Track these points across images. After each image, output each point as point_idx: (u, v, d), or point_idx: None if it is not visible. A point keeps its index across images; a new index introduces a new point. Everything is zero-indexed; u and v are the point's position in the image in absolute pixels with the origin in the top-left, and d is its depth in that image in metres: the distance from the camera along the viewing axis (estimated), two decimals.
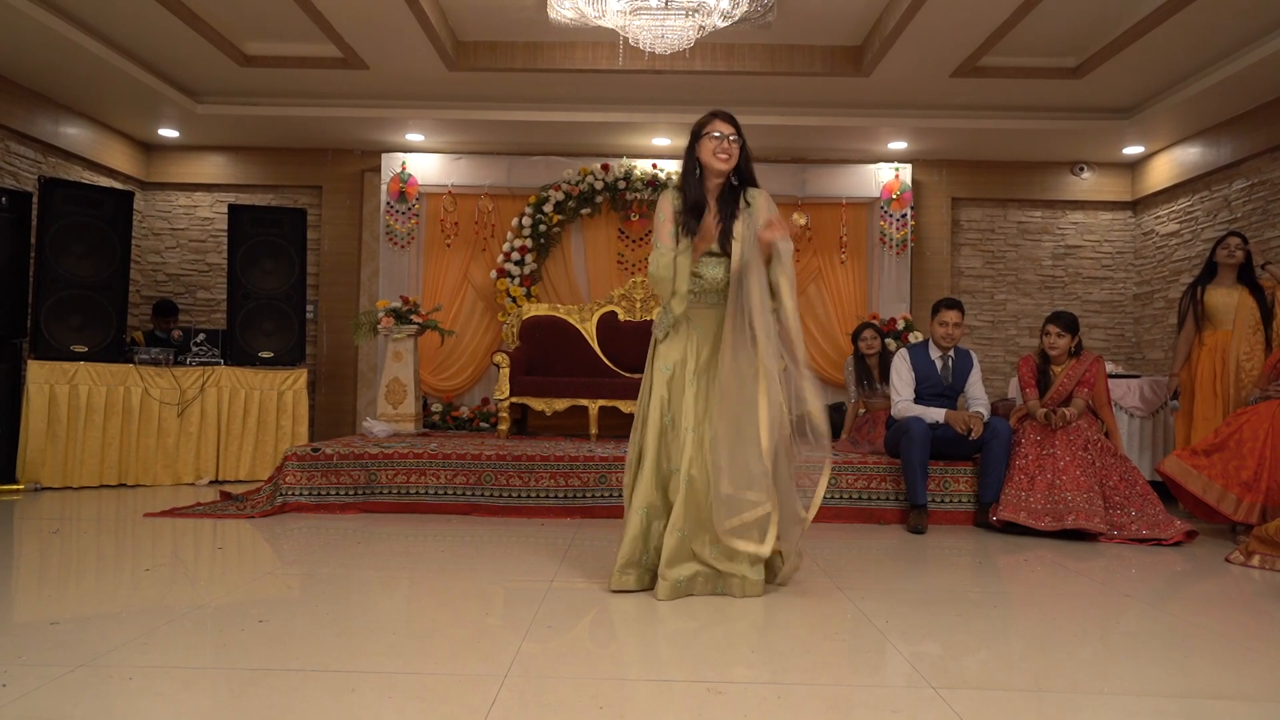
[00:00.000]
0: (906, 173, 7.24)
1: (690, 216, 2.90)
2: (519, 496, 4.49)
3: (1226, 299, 4.84)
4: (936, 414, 4.43)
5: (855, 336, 5.78)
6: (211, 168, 7.45)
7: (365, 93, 6.35)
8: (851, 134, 6.77)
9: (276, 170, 7.46)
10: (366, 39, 5.40)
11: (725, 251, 2.89)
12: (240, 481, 5.58)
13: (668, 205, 2.95)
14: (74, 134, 6.45)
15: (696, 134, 2.93)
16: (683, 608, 2.70)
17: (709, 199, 2.94)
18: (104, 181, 6.78)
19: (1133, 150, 7.01)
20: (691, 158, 2.94)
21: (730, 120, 2.92)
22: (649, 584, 2.87)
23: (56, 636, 2.28)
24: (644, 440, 2.91)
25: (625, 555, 2.86)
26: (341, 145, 7.35)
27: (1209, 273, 4.95)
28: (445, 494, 4.50)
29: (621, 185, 7.13)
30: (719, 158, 2.87)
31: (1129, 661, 2.29)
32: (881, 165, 7.28)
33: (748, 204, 2.92)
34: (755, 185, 2.99)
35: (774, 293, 2.83)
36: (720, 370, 2.83)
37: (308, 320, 6.90)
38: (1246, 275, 4.84)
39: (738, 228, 2.87)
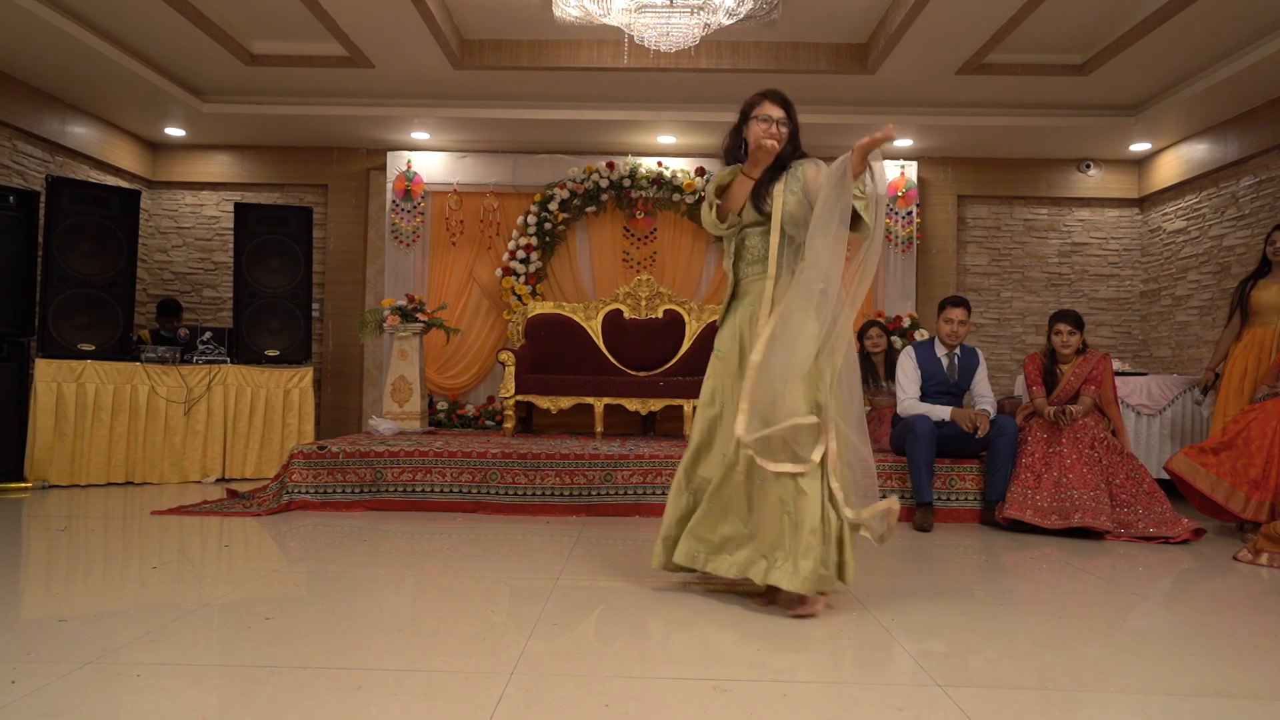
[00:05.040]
0: (912, 170, 7.22)
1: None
2: (524, 495, 4.49)
3: (1276, 296, 4.61)
4: (942, 412, 4.42)
5: (861, 334, 5.77)
6: (218, 166, 7.47)
7: (371, 91, 6.36)
8: (856, 131, 6.72)
9: (282, 169, 7.48)
10: (372, 38, 5.41)
11: (767, 216, 2.76)
12: (246, 479, 5.60)
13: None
14: (81, 133, 6.47)
15: (745, 114, 2.85)
16: (687, 604, 2.70)
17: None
18: (111, 180, 6.80)
19: (1139, 147, 6.99)
20: (738, 137, 2.86)
21: (781, 102, 2.81)
22: (673, 566, 2.80)
23: (64, 634, 2.29)
24: (696, 425, 2.84)
25: (661, 533, 2.82)
26: (347, 144, 7.36)
27: (1263, 268, 4.74)
28: (451, 492, 4.51)
29: (626, 183, 7.12)
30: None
31: (1135, 660, 2.28)
32: (887, 163, 7.26)
33: (790, 176, 2.78)
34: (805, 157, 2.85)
35: (854, 219, 2.63)
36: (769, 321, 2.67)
37: (313, 318, 6.91)
38: None
39: (776, 188, 2.76)
